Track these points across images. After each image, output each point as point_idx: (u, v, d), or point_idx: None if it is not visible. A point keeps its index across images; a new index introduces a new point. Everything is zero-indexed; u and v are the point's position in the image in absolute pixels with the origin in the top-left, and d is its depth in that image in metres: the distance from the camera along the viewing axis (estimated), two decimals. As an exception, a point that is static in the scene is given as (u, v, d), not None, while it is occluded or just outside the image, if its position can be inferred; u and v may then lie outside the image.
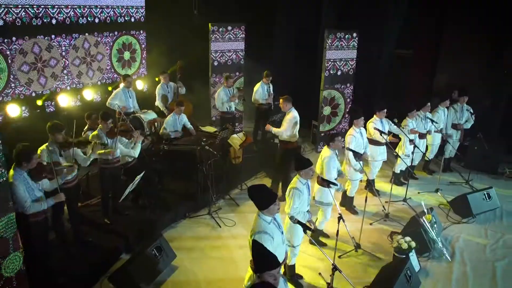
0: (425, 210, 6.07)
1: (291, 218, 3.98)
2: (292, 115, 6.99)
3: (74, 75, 8.83)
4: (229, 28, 9.80)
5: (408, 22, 10.14)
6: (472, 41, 9.20)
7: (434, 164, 9.14)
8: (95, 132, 5.91)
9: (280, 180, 7.43)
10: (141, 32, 10.42)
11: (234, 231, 6.49)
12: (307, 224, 4.69)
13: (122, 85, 8.22)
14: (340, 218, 4.65)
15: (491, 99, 9.51)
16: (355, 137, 6.60)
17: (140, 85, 10.60)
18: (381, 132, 6.84)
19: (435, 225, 6.04)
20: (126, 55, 10.28)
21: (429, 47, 10.01)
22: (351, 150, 6.16)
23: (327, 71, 9.23)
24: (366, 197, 6.04)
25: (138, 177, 5.68)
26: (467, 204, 7.03)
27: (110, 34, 9.53)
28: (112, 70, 9.89)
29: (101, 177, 6.06)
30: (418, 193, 7.99)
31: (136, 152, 6.27)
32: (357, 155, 6.24)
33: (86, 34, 8.85)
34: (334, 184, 4.85)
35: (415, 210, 7.18)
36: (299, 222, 3.96)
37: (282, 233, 3.87)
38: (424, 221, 5.86)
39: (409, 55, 10.28)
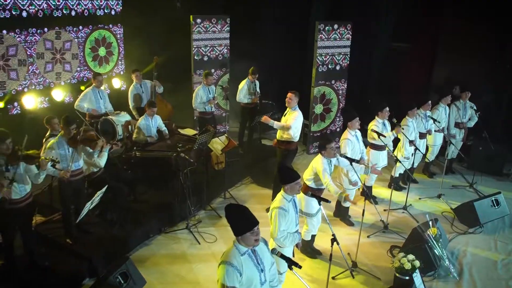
0: (429, 222, 5.35)
1: (273, 250, 3.25)
2: (299, 114, 6.31)
3: (42, 74, 8.07)
4: (213, 20, 9.04)
5: (405, 13, 9.42)
6: (472, 35, 8.50)
7: (434, 166, 8.47)
8: (54, 140, 5.15)
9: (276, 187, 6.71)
10: (112, 26, 9.62)
11: (214, 248, 5.76)
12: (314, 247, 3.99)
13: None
14: (333, 240, 3.94)
15: (494, 95, 8.83)
16: (351, 141, 5.86)
17: (118, 83, 9.82)
18: (379, 134, 6.12)
19: (441, 239, 5.34)
20: (102, 51, 9.49)
21: (427, 41, 9.29)
22: (347, 158, 5.41)
23: (318, 66, 8.50)
24: (364, 209, 5.32)
25: (100, 193, 4.91)
26: (474, 212, 6.34)
27: (75, 29, 8.69)
28: (86, 67, 9.11)
29: (61, 191, 5.29)
30: (419, 199, 7.32)
31: (102, 162, 5.51)
32: (353, 162, 5.53)
33: (46, 29, 8.05)
34: (326, 200, 4.14)
35: (417, 219, 6.55)
36: (282, 256, 3.23)
37: (262, 271, 3.14)
38: (429, 235, 5.16)
39: (406, 49, 9.56)
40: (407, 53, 9.42)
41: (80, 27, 8.76)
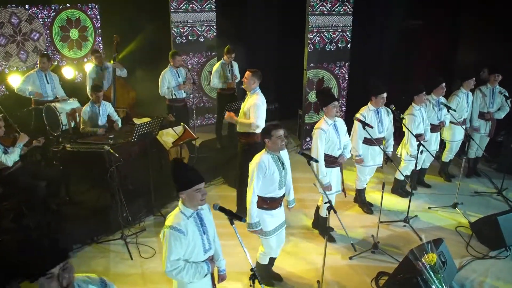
0: (427, 245, 3.86)
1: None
2: (259, 98, 4.95)
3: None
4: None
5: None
6: (498, 10, 6.80)
7: (454, 166, 6.86)
8: None
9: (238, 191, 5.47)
10: (86, 5, 8.58)
11: (147, 266, 4.53)
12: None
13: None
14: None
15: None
16: (325, 133, 4.46)
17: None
18: (365, 124, 4.67)
19: (443, 269, 3.86)
20: (74, 33, 8.49)
21: (445, 17, 7.64)
22: (303, 154, 3.95)
23: (311, 45, 7.09)
24: (328, 225, 3.92)
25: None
26: (497, 229, 4.76)
27: (40, 8, 7.71)
28: (55, 51, 8.14)
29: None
30: (429, 208, 5.79)
31: (10, 159, 4.54)
32: (330, 161, 4.13)
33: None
34: (239, 219, 2.76)
35: (421, 236, 5.02)
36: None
37: None
38: (423, 264, 3.69)
39: (420, 27, 7.93)
40: (423, 31, 7.80)
41: (48, 6, 7.83)
